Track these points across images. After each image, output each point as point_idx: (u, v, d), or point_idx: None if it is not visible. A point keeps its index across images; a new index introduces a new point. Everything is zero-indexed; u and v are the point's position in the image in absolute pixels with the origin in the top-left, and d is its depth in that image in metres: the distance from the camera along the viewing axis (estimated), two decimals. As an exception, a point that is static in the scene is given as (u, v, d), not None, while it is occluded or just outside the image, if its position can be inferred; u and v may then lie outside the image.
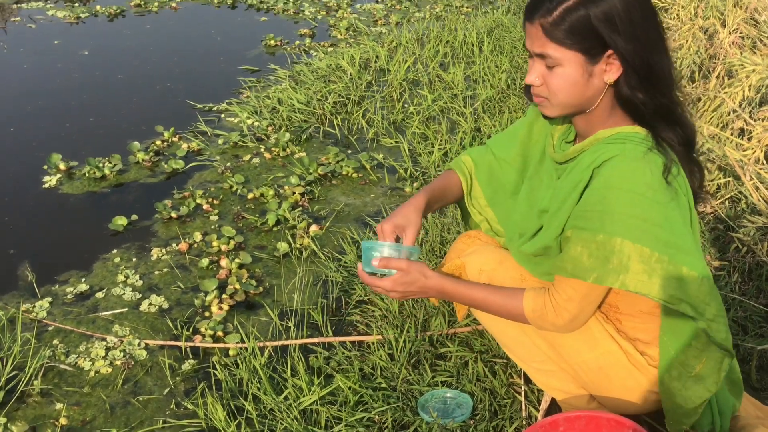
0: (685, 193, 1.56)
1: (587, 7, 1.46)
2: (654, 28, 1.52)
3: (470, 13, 6.48)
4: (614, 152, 1.52)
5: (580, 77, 1.51)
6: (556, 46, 1.50)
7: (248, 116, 4.20)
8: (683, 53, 4.26)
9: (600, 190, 1.51)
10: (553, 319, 1.63)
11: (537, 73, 1.57)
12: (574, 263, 1.54)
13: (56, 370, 2.35)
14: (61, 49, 5.51)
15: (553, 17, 1.48)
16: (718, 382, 1.61)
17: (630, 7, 1.47)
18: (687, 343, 1.59)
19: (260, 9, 6.75)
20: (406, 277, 1.69)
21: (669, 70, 1.54)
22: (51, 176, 3.56)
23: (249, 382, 2.22)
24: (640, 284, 1.49)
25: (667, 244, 1.48)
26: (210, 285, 2.71)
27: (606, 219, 1.49)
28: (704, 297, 1.53)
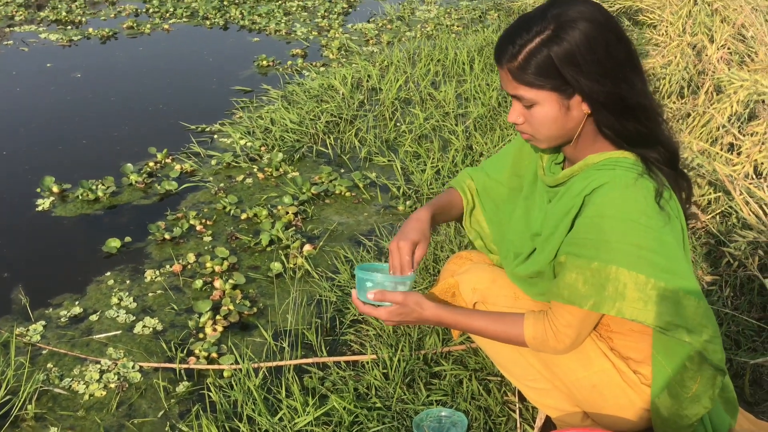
0: (678, 215, 1.57)
1: (549, 47, 1.48)
2: (622, 59, 1.51)
3: (461, 31, 6.53)
4: (605, 179, 1.53)
5: (558, 112, 1.54)
6: (527, 89, 1.53)
7: (241, 137, 4.21)
8: (672, 69, 4.30)
9: (593, 218, 1.52)
10: (554, 344, 1.64)
11: (517, 112, 1.60)
12: (570, 290, 1.55)
13: (50, 394, 2.34)
14: (54, 72, 5.53)
15: (518, 62, 1.51)
16: (713, 398, 1.62)
17: (593, 43, 1.47)
18: (682, 363, 1.60)
19: (252, 30, 6.79)
20: (402, 309, 1.71)
21: (642, 97, 1.53)
22: (44, 199, 3.56)
23: (243, 403, 2.21)
24: (636, 312, 1.50)
25: (663, 270, 1.49)
26: (204, 306, 2.71)
27: (601, 247, 1.50)
28: (701, 320, 1.53)
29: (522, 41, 1.50)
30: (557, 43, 1.47)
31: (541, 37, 1.48)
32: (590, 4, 1.51)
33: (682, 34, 4.69)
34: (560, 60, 1.47)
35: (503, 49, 1.53)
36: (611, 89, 1.49)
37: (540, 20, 1.50)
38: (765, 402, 2.18)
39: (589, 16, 1.48)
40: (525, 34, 1.50)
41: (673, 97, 4.25)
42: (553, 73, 1.49)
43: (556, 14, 1.49)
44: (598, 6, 1.53)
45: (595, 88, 1.49)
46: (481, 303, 1.83)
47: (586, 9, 1.49)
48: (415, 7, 7.63)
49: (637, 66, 1.53)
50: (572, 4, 1.50)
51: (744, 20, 4.48)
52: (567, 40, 1.47)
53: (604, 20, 1.50)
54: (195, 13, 7.32)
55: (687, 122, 3.63)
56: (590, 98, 1.51)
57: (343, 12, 7.48)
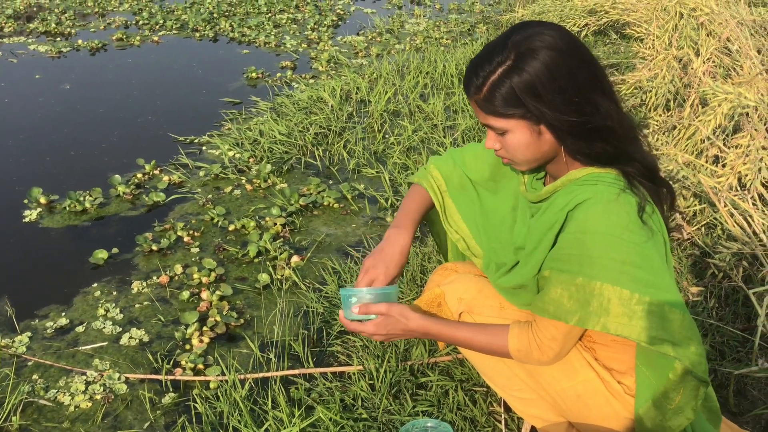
0: (660, 229, 1.58)
1: (511, 78, 1.48)
2: (586, 83, 1.50)
3: (450, 44, 6.57)
4: (587, 195, 1.54)
5: (530, 138, 1.55)
6: (496, 119, 1.54)
7: (229, 148, 4.22)
8: (658, 82, 4.33)
9: (576, 234, 1.53)
10: (538, 356, 1.65)
11: (492, 140, 1.61)
12: (556, 306, 1.56)
13: (35, 406, 2.33)
14: (43, 84, 5.53)
15: (483, 94, 1.52)
16: (695, 409, 1.63)
17: (554, 72, 1.48)
18: (665, 375, 1.61)
19: (242, 42, 6.81)
20: (388, 320, 1.72)
21: (608, 119, 1.52)
22: (31, 210, 3.55)
23: (229, 415, 2.21)
24: (621, 327, 1.51)
25: (647, 284, 1.50)
26: (191, 318, 2.71)
27: (585, 262, 1.51)
28: (686, 333, 1.54)
29: (485, 73, 1.51)
30: (518, 73, 1.48)
31: (503, 68, 1.49)
32: (552, 30, 1.51)
33: (668, 47, 4.74)
34: (521, 91, 1.48)
35: (469, 81, 1.55)
36: (575, 117, 1.50)
37: (501, 50, 1.50)
38: (749, 412, 2.19)
39: (549, 44, 1.48)
40: (487, 65, 1.51)
41: (660, 110, 4.29)
42: (518, 102, 1.50)
43: (516, 42, 1.49)
44: (560, 30, 1.52)
45: (558, 117, 1.50)
46: (466, 313, 1.84)
47: (547, 36, 1.49)
48: (404, 20, 7.67)
49: (602, 87, 1.53)
50: (533, 31, 1.51)
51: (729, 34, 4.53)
52: (527, 70, 1.47)
53: (566, 46, 1.49)
54: (185, 25, 7.33)
55: (673, 135, 3.66)
56: (553, 127, 1.52)
57: (333, 25, 7.51)
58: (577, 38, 1.54)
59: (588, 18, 6.34)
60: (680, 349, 1.54)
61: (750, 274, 2.66)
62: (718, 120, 3.13)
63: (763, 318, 2.35)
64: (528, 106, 1.49)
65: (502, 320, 1.80)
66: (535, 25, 1.52)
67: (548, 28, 1.51)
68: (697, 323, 2.53)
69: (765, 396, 2.25)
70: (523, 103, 1.49)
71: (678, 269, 2.87)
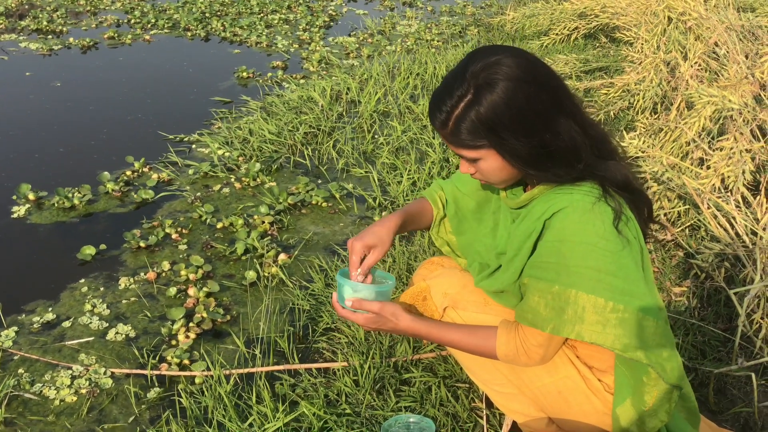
0: (636, 236, 1.61)
1: (472, 112, 1.50)
2: (546, 109, 1.51)
3: (440, 46, 6.59)
4: (564, 203, 1.56)
5: (502, 162, 1.57)
6: (465, 150, 1.57)
7: (219, 147, 4.23)
8: (645, 85, 4.37)
9: (553, 243, 1.56)
10: (525, 361, 1.68)
11: (465, 166, 1.64)
12: (533, 313, 1.60)
13: (21, 399, 2.34)
14: (33, 81, 5.52)
15: (449, 129, 1.54)
16: (669, 412, 1.67)
17: (511, 103, 1.48)
18: (640, 378, 1.65)
19: (233, 42, 6.82)
20: (378, 318, 1.75)
21: (569, 140, 1.53)
22: (20, 206, 3.55)
23: (214, 409, 2.23)
24: (594, 335, 1.53)
25: (622, 292, 1.53)
26: (177, 313, 2.72)
27: (561, 271, 1.54)
28: (659, 339, 1.58)
29: (447, 108, 1.53)
30: (477, 107, 1.49)
31: (464, 103, 1.50)
32: (509, 57, 1.51)
33: (656, 51, 4.77)
34: (482, 124, 1.50)
35: (433, 116, 1.57)
36: (534, 148, 1.52)
37: (460, 83, 1.51)
38: (728, 411, 2.21)
39: (506, 74, 1.49)
40: (448, 99, 1.53)
41: (647, 113, 4.32)
42: (483, 134, 1.52)
43: (474, 73, 1.50)
44: (518, 57, 1.52)
45: (517, 149, 1.52)
46: (451, 308, 1.86)
47: (504, 66, 1.50)
48: (396, 21, 7.69)
49: (564, 108, 1.54)
50: (490, 61, 1.51)
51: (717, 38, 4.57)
52: (483, 105, 1.49)
53: (523, 74, 1.49)
54: (176, 24, 7.34)
55: (659, 137, 3.69)
56: (513, 159, 1.54)
57: (325, 25, 7.53)
58: (535, 61, 1.55)
59: (578, 21, 6.38)
60: (653, 356, 1.57)
61: (732, 275, 2.69)
62: (702, 122, 3.17)
63: (744, 318, 2.38)
64: (489, 138, 1.52)
65: (486, 315, 1.83)
66: (492, 53, 1.53)
67: (506, 55, 1.51)
68: (679, 323, 2.56)
69: (744, 394, 2.27)
70: (488, 134, 1.52)
71: (661, 270, 2.90)
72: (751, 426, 2.16)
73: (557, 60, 5.64)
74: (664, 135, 3.64)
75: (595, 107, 4.70)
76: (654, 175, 3.20)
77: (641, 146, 3.30)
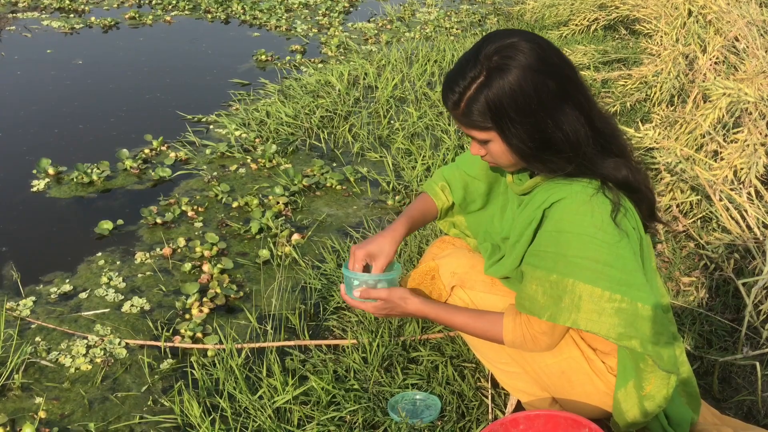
0: (636, 227, 1.63)
1: (484, 93, 1.51)
2: (553, 98, 1.52)
3: (459, 34, 6.60)
4: (563, 194, 1.58)
5: (505, 146, 1.59)
6: (476, 131, 1.59)
7: (236, 128, 4.27)
8: (663, 77, 4.37)
9: (552, 233, 1.59)
10: (532, 347, 1.71)
11: (476, 148, 1.66)
12: (531, 301, 1.63)
13: (37, 366, 2.40)
14: (55, 58, 5.59)
15: (461, 109, 1.56)
16: (666, 397, 1.71)
17: (519, 90, 1.49)
18: (638, 364, 1.68)
19: (253, 25, 6.85)
20: (387, 304, 1.80)
21: (575, 133, 1.54)
22: (39, 180, 3.62)
23: (225, 381, 2.27)
24: (590, 323, 1.56)
25: (620, 282, 1.55)
26: (191, 288, 2.77)
27: (559, 260, 1.57)
28: (657, 328, 1.60)
29: (460, 88, 1.54)
30: (487, 89, 1.51)
31: (476, 84, 1.52)
32: (523, 41, 1.52)
33: (675, 43, 4.76)
34: (490, 107, 1.51)
35: (446, 96, 1.58)
36: (534, 138, 1.53)
37: (474, 64, 1.53)
38: (732, 399, 2.24)
39: (519, 60, 1.49)
40: (461, 80, 1.54)
41: (663, 104, 4.32)
42: (490, 116, 1.53)
43: (488, 55, 1.52)
44: (531, 42, 1.53)
45: (518, 137, 1.53)
46: (459, 287, 1.90)
47: (518, 50, 1.50)
48: (415, 9, 7.69)
49: (572, 98, 1.54)
50: (504, 44, 1.52)
51: (737, 32, 4.55)
52: (494, 88, 1.50)
53: (535, 60, 1.50)
54: (197, 6, 7.38)
55: (674, 129, 3.70)
56: (512, 147, 1.56)
57: (344, 11, 7.55)
58: (549, 48, 1.55)
59: (598, 12, 6.36)
60: (649, 345, 1.59)
61: (741, 266, 2.71)
62: (717, 114, 3.17)
63: (751, 308, 2.39)
64: (494, 122, 1.54)
65: (493, 295, 1.86)
66: (506, 36, 1.54)
67: (520, 39, 1.52)
68: (686, 312, 2.58)
69: (748, 383, 2.29)
70: (491, 118, 1.54)
71: (671, 260, 2.92)
72: (754, 414, 2.18)
73: (576, 50, 5.64)
74: (679, 127, 3.64)
75: (612, 98, 4.71)
76: (667, 166, 3.21)
77: (656, 137, 3.31)
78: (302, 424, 2.10)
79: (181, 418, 2.16)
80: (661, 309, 1.63)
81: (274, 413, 2.14)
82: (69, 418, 2.20)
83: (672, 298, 2.66)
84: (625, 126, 3.82)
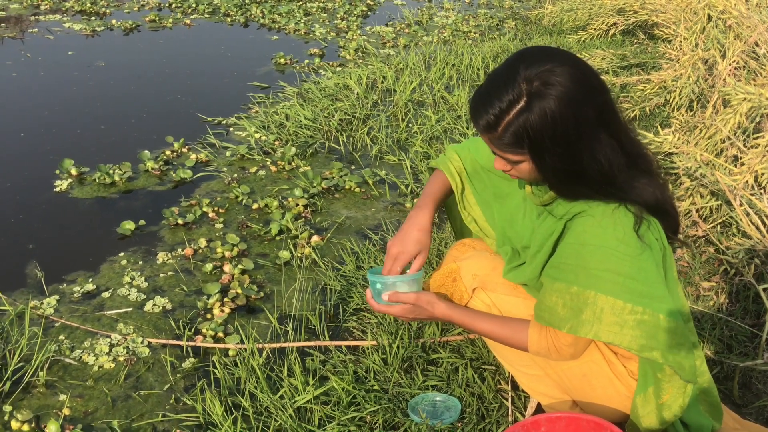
0: (658, 238, 1.63)
1: (523, 119, 1.48)
2: (590, 125, 1.50)
3: (477, 38, 6.61)
4: (584, 206, 1.59)
5: (535, 169, 1.58)
6: (508, 154, 1.57)
7: (256, 130, 4.30)
8: (682, 82, 4.36)
9: (573, 245, 1.59)
10: (557, 357, 1.72)
11: (501, 164, 1.65)
12: (551, 313, 1.64)
13: (61, 364, 2.43)
14: (77, 60, 5.65)
15: (498, 133, 1.53)
16: (683, 406, 1.72)
17: (562, 117, 1.47)
18: (656, 374, 1.69)
19: (272, 28, 6.89)
20: (415, 308, 1.82)
21: (609, 162, 1.53)
22: (62, 181, 3.66)
23: (247, 380, 2.30)
24: (612, 335, 1.57)
25: (642, 295, 1.56)
26: (213, 288, 2.79)
27: (580, 272, 1.57)
28: (678, 339, 1.61)
29: (496, 111, 1.51)
30: (528, 114, 1.48)
31: (517, 108, 1.49)
32: (563, 65, 1.50)
33: (695, 48, 4.75)
34: (528, 134, 1.50)
35: (479, 116, 1.54)
36: (572, 161, 1.52)
37: (512, 86, 1.49)
38: (752, 404, 2.23)
39: (560, 87, 1.47)
40: (498, 102, 1.50)
41: (683, 109, 4.31)
42: (526, 142, 1.52)
43: (528, 78, 1.48)
44: (572, 67, 1.51)
45: (555, 160, 1.53)
46: (480, 289, 1.90)
47: (558, 76, 1.48)
48: (433, 12, 7.71)
49: (607, 124, 1.53)
50: (545, 68, 1.49)
51: (758, 38, 4.54)
52: (535, 114, 1.47)
53: (577, 88, 1.48)
54: (216, 9, 7.43)
55: (694, 134, 3.69)
56: (545, 172, 1.56)
57: (362, 15, 7.58)
58: (589, 73, 1.53)
59: (616, 17, 6.35)
60: (670, 356, 1.60)
61: (762, 271, 2.70)
62: (737, 119, 3.17)
63: (772, 313, 2.39)
64: (530, 147, 1.52)
65: (515, 298, 1.87)
66: (545, 58, 1.51)
67: (560, 63, 1.50)
68: (706, 317, 2.58)
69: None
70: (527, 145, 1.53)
71: (691, 265, 2.91)
72: (774, 420, 2.18)
73: (594, 55, 5.64)
74: (699, 132, 3.64)
75: (631, 103, 4.70)
76: (687, 171, 3.20)
77: (675, 142, 3.31)
78: (323, 423, 2.12)
79: (203, 417, 2.18)
80: (682, 319, 1.64)
81: (295, 413, 2.16)
82: (92, 415, 2.23)
83: (692, 303, 2.66)
84: (644, 131, 3.82)
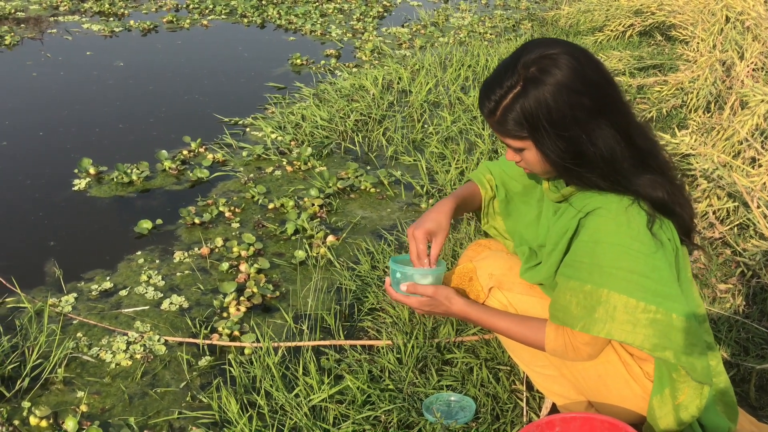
0: (671, 237, 1.63)
1: (520, 103, 1.52)
2: (588, 114, 1.52)
3: (493, 39, 6.61)
4: (598, 203, 1.59)
5: (540, 156, 1.60)
6: (511, 140, 1.60)
7: (272, 131, 4.32)
8: (700, 84, 4.34)
9: (587, 243, 1.59)
10: (573, 357, 1.72)
11: (511, 155, 1.68)
12: (564, 312, 1.63)
13: (79, 361, 2.45)
14: (95, 60, 5.70)
15: (497, 117, 1.57)
16: (700, 407, 1.70)
17: (555, 103, 1.50)
18: (671, 374, 1.68)
19: (288, 29, 6.92)
20: (432, 302, 1.81)
21: (610, 150, 1.54)
22: (81, 179, 3.69)
23: (262, 379, 2.31)
24: (624, 333, 1.56)
25: (655, 293, 1.56)
26: (229, 287, 2.81)
27: (594, 271, 1.57)
28: (691, 339, 1.60)
29: (496, 97, 1.56)
30: (524, 99, 1.52)
31: (513, 93, 1.53)
32: (562, 53, 1.52)
33: (712, 50, 4.73)
34: (525, 117, 1.53)
35: (482, 103, 1.60)
36: (566, 152, 1.54)
37: (511, 73, 1.54)
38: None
39: (556, 73, 1.50)
40: (498, 88, 1.55)
41: (700, 111, 4.29)
42: (525, 126, 1.55)
43: (526, 64, 1.53)
44: (571, 54, 1.53)
45: (551, 148, 1.55)
46: (496, 288, 1.91)
47: (557, 61, 1.51)
48: (449, 14, 7.72)
49: (608, 115, 1.54)
50: (543, 54, 1.52)
51: (776, 39, 4.50)
52: (530, 99, 1.51)
53: (573, 76, 1.50)
54: (233, 10, 7.47)
55: (711, 136, 3.68)
56: (546, 157, 1.58)
57: (378, 16, 7.59)
58: (588, 62, 1.55)
59: (633, 18, 6.33)
60: (683, 356, 1.59)
61: (779, 274, 2.68)
62: (755, 121, 3.15)
63: (789, 316, 2.38)
64: (529, 132, 1.55)
65: (531, 297, 1.87)
66: (546, 46, 1.54)
67: (560, 51, 1.53)
68: (722, 319, 2.57)
69: (786, 392, 2.28)
70: (527, 129, 1.55)
71: (707, 267, 2.90)
72: (791, 423, 2.16)
73: (611, 56, 5.62)
74: (716, 133, 3.62)
75: (648, 104, 4.68)
76: (704, 173, 3.19)
77: (692, 144, 3.30)
78: (337, 422, 2.13)
79: (218, 414, 2.20)
80: (696, 320, 1.63)
81: (310, 411, 2.17)
82: (110, 412, 2.25)
83: (708, 305, 2.65)
84: (661, 132, 3.80)
